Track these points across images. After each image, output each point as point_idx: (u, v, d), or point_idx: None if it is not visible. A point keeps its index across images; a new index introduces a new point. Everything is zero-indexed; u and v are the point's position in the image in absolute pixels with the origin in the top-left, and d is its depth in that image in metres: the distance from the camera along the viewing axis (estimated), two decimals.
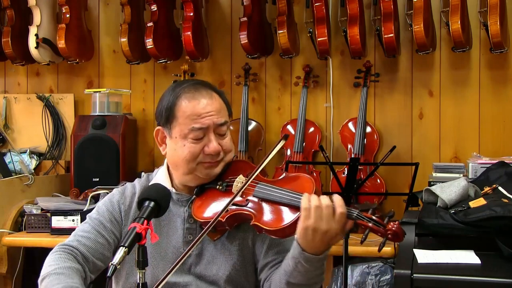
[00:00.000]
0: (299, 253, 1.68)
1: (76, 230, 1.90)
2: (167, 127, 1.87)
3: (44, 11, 3.74)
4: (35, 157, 3.82)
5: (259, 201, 1.77)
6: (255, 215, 1.74)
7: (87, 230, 1.87)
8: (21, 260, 3.29)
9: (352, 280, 2.87)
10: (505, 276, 2.04)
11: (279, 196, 1.74)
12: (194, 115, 1.82)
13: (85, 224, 1.90)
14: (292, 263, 1.71)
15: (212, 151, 1.82)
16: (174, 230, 1.88)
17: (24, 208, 3.28)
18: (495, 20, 3.13)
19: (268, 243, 1.86)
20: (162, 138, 1.92)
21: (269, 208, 1.75)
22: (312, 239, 1.65)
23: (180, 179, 1.91)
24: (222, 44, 3.84)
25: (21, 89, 4.09)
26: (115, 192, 1.96)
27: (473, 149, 3.46)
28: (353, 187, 2.78)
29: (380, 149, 3.55)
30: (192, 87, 1.87)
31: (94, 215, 1.91)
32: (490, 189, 2.55)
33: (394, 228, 1.60)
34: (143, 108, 3.93)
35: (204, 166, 1.85)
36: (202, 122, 1.82)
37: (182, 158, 1.84)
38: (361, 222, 1.63)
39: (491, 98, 3.50)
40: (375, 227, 1.62)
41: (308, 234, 1.65)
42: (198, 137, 1.82)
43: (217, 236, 1.85)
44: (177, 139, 1.84)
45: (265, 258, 1.86)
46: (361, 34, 3.35)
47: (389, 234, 1.61)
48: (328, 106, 3.67)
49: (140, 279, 1.52)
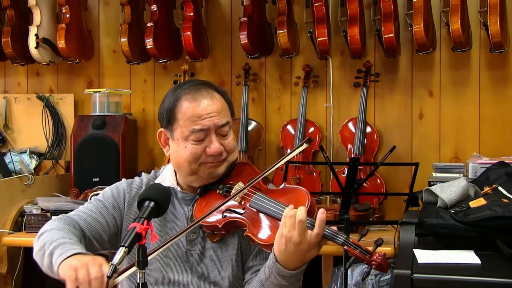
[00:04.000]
0: (273, 263, 1.69)
1: (79, 207, 1.93)
2: (169, 129, 1.88)
3: (44, 11, 3.73)
4: (35, 157, 3.82)
5: (253, 211, 1.78)
6: (249, 226, 1.75)
7: (89, 208, 1.90)
8: (21, 260, 3.29)
9: (352, 280, 2.87)
10: (505, 276, 2.04)
11: (273, 210, 1.74)
12: (195, 116, 1.82)
13: (89, 203, 1.93)
14: (267, 272, 1.72)
15: (214, 152, 1.83)
16: (178, 228, 1.88)
17: (24, 208, 3.28)
18: (495, 20, 3.13)
19: (258, 248, 1.86)
20: (165, 139, 1.94)
21: (263, 220, 1.76)
22: (285, 248, 1.65)
23: (184, 179, 1.92)
24: (222, 44, 3.84)
25: (21, 89, 4.09)
26: (123, 181, 1.99)
27: (473, 149, 3.46)
28: (353, 187, 2.78)
29: (380, 149, 3.55)
30: (193, 88, 1.86)
31: (99, 197, 1.95)
32: (490, 189, 2.55)
33: (378, 260, 1.61)
34: (143, 108, 3.93)
35: (207, 166, 1.85)
36: (202, 123, 1.82)
37: (185, 160, 1.84)
38: (348, 248, 1.63)
39: (491, 98, 3.49)
40: (361, 256, 1.62)
41: (281, 242, 1.65)
42: (199, 138, 1.82)
43: (216, 239, 1.87)
44: (179, 141, 1.85)
45: (253, 261, 1.88)
46: (361, 34, 3.35)
47: (373, 264, 1.62)
48: (328, 106, 3.67)
49: (140, 279, 1.52)
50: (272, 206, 1.75)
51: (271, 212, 1.75)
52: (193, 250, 1.87)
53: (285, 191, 1.83)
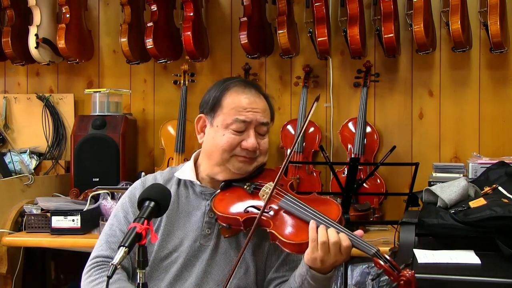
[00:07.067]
0: (306, 271, 1.69)
1: (105, 235, 1.90)
2: (211, 115, 1.90)
3: (44, 11, 3.73)
4: (35, 157, 3.82)
5: (282, 212, 1.77)
6: (273, 223, 1.73)
7: (115, 234, 1.88)
8: (21, 260, 3.28)
9: (352, 280, 2.87)
10: (505, 276, 2.04)
11: (304, 212, 1.73)
12: (240, 107, 1.86)
13: (112, 221, 1.92)
14: (299, 280, 1.72)
15: (250, 146, 1.85)
16: (192, 223, 1.88)
17: (24, 208, 3.28)
18: (495, 20, 3.13)
19: (283, 258, 1.86)
20: (202, 126, 1.95)
21: (290, 221, 1.75)
22: (321, 266, 1.67)
23: (210, 170, 1.91)
24: (222, 44, 3.84)
25: (21, 89, 4.09)
26: (136, 185, 1.98)
27: (473, 149, 3.46)
28: (353, 187, 2.78)
29: (380, 149, 3.55)
30: (243, 83, 1.92)
31: (118, 210, 1.93)
32: (490, 189, 2.54)
33: (408, 275, 1.57)
34: (143, 108, 3.93)
35: (238, 159, 1.87)
36: (246, 115, 1.85)
37: (220, 147, 1.86)
38: (377, 260, 1.61)
39: (491, 98, 3.50)
40: (390, 270, 1.59)
41: (316, 263, 1.67)
42: (239, 129, 1.85)
43: (228, 234, 1.84)
44: (218, 128, 1.87)
45: (276, 272, 1.87)
46: (361, 34, 3.35)
47: (402, 280, 1.58)
48: (328, 106, 3.67)
49: (140, 279, 1.52)
50: (305, 210, 1.74)
51: (301, 214, 1.73)
52: (206, 245, 1.86)
53: (316, 200, 1.82)
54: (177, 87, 3.77)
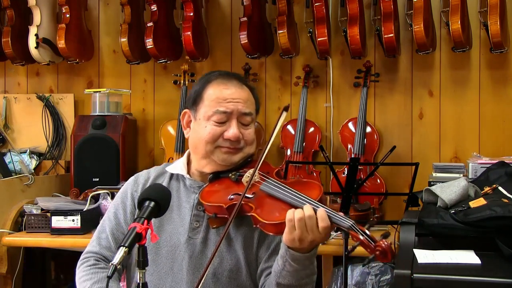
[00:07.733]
0: (285, 251, 1.69)
1: (97, 232, 1.95)
2: (194, 109, 1.92)
3: (44, 11, 3.73)
4: (35, 157, 3.82)
5: (263, 195, 1.78)
6: (255, 207, 1.74)
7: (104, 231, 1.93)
8: (21, 260, 3.29)
9: (352, 280, 2.87)
10: (505, 276, 2.04)
11: (283, 193, 1.74)
12: (220, 98, 1.87)
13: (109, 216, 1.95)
14: (281, 262, 1.72)
15: (231, 136, 1.86)
16: (182, 217, 1.89)
17: (24, 208, 3.28)
18: (495, 20, 3.13)
19: (273, 248, 1.86)
20: (187, 121, 1.96)
21: (271, 203, 1.75)
22: (300, 245, 1.66)
23: (197, 164, 1.93)
24: (222, 44, 3.84)
25: (21, 89, 4.09)
26: (129, 181, 2.01)
27: (473, 149, 3.46)
28: (353, 187, 2.78)
29: (380, 149, 3.55)
30: (225, 76, 1.93)
31: (111, 210, 1.96)
32: (490, 189, 2.55)
33: (384, 245, 1.55)
34: (143, 108, 3.93)
35: (222, 150, 1.87)
36: (226, 106, 1.86)
37: (202, 139, 1.87)
38: (353, 233, 1.60)
39: (491, 98, 3.50)
40: (366, 242, 1.58)
41: (295, 242, 1.65)
42: (221, 120, 1.86)
43: (216, 225, 1.85)
44: (201, 120, 1.88)
45: (267, 262, 1.87)
46: (361, 34, 3.35)
47: (377, 250, 1.56)
48: (328, 106, 3.67)
49: (140, 279, 1.52)
50: (285, 191, 1.74)
51: (281, 195, 1.74)
52: (195, 238, 1.87)
53: (298, 182, 1.84)
54: (177, 87, 3.77)
